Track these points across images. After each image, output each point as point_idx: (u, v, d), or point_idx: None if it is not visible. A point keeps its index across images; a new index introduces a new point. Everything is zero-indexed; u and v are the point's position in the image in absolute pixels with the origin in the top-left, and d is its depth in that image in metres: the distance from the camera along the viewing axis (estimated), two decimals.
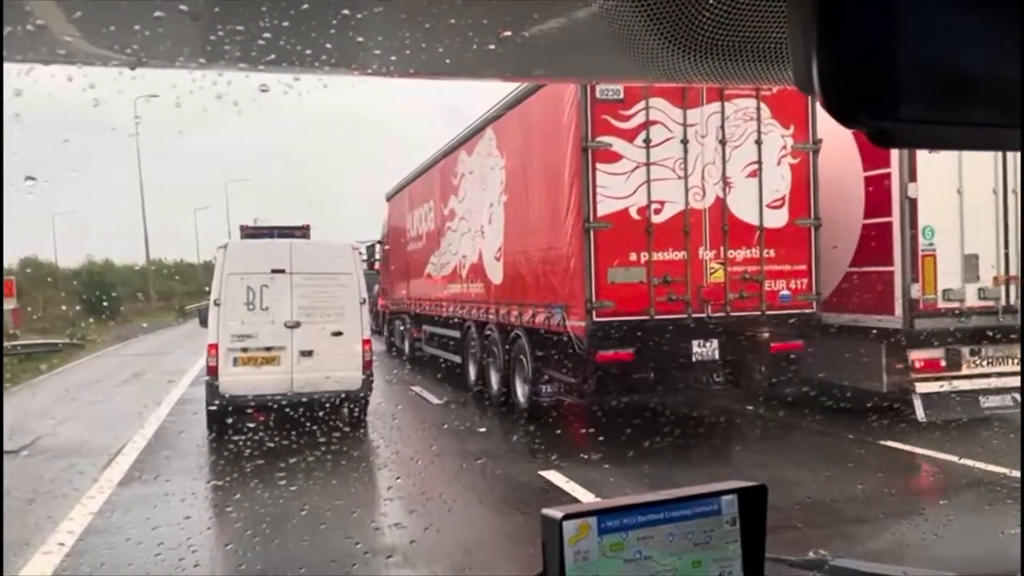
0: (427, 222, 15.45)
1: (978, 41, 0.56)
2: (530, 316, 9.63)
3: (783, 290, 8.67)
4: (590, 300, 8.13)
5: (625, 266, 8.19)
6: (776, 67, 0.77)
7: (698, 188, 8.41)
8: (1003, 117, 0.58)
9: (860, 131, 0.58)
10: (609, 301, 8.14)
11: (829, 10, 0.54)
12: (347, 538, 5.62)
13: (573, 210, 8.32)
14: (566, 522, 1.12)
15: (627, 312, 8.19)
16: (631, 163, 8.24)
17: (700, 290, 8.39)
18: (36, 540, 5.83)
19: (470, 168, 12.32)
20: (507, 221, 10.62)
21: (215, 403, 9.24)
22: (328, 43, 0.80)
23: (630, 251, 8.23)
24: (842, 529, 5.64)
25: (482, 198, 11.66)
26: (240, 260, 9.61)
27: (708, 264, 8.47)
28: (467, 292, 12.63)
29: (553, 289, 8.93)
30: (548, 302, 9.04)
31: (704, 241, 8.47)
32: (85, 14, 0.76)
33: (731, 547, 1.25)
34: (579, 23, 0.77)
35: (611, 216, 8.16)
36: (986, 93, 0.57)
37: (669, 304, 8.30)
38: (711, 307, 8.43)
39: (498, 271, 11.00)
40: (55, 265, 38.18)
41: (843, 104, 0.56)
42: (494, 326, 11.36)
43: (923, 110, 0.56)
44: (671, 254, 8.36)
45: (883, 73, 0.55)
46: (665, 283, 8.30)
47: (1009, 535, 4.16)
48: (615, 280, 8.17)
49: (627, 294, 8.20)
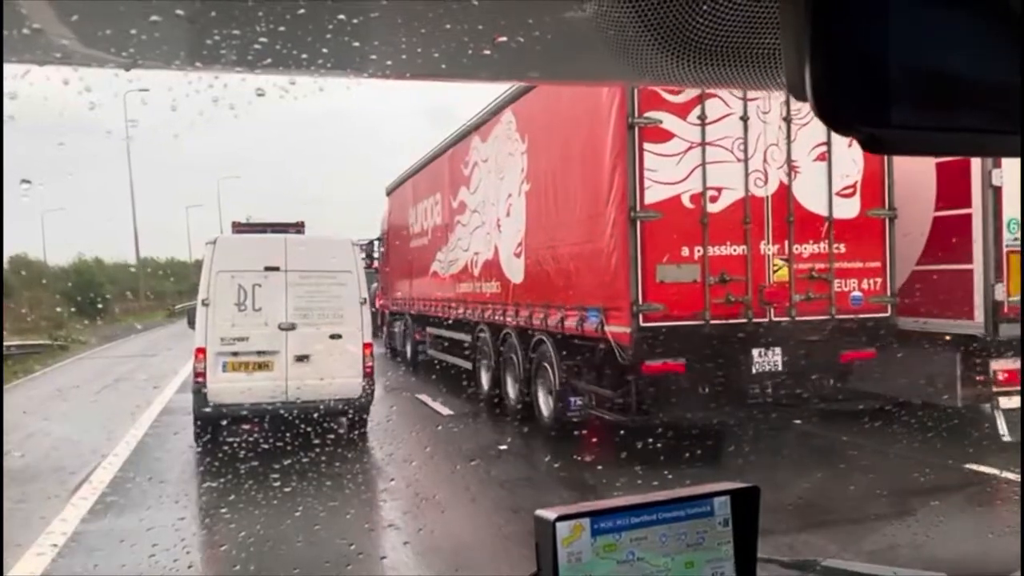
0: (433, 216, 14.31)
1: (972, 47, 0.55)
2: (558, 320, 8.48)
3: (854, 291, 7.54)
4: (636, 302, 6.97)
5: (677, 263, 7.04)
6: (769, 72, 0.75)
7: (760, 172, 7.26)
8: (997, 123, 0.57)
9: (852, 137, 0.56)
10: (658, 304, 6.99)
11: (822, 16, 0.53)
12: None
13: (616, 198, 7.16)
14: (559, 523, 1.12)
15: (678, 316, 7.05)
16: (683, 143, 7.08)
17: (762, 291, 7.24)
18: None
19: (484, 156, 11.17)
20: (529, 213, 9.47)
21: (203, 413, 8.58)
22: (324, 46, 0.80)
23: (682, 245, 7.08)
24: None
25: (499, 188, 10.51)
26: (231, 256, 8.90)
27: (771, 261, 7.33)
28: (480, 292, 11.49)
29: (588, 289, 7.78)
30: (581, 304, 7.89)
31: (766, 234, 7.32)
32: (81, 16, 0.75)
33: (724, 548, 1.24)
34: (573, 27, 0.77)
35: (661, 204, 7.01)
36: (980, 99, 0.57)
37: (726, 307, 7.16)
38: (774, 310, 7.28)
39: (518, 269, 9.84)
40: (44, 263, 37.73)
41: (836, 110, 0.55)
42: (512, 330, 10.23)
43: (916, 116, 0.55)
44: (729, 249, 7.21)
45: (876, 79, 0.54)
46: (722, 282, 7.15)
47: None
48: (665, 279, 7.02)
49: (678, 295, 7.05)
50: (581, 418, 8.58)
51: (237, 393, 8.53)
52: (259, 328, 8.73)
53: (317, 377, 8.69)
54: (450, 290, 13.09)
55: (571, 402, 8.63)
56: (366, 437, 9.55)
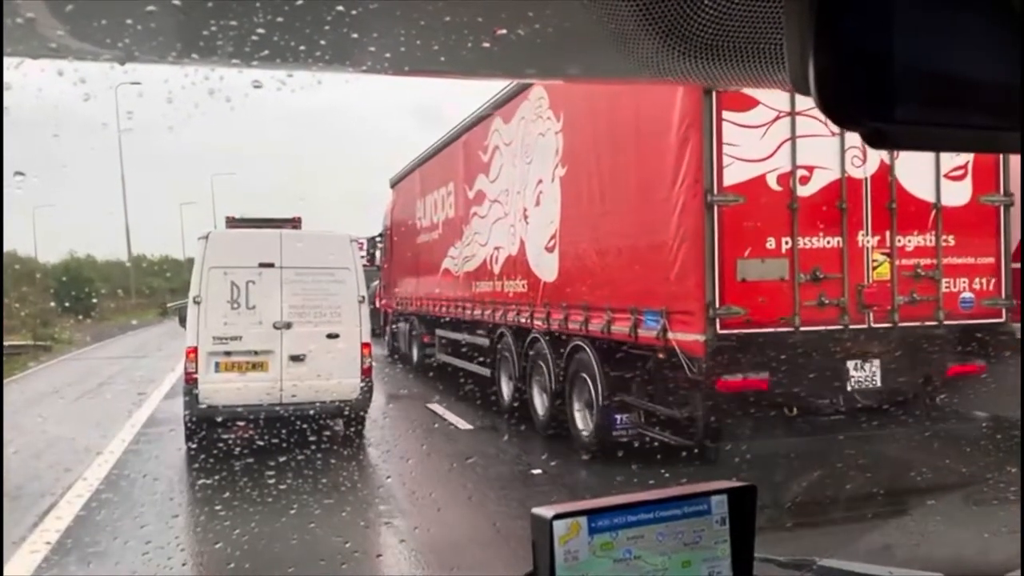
0: (444, 209, 13.09)
1: (974, 44, 0.55)
2: (602, 324, 7.25)
3: (964, 291, 6.32)
4: (712, 305, 5.74)
5: (761, 257, 5.82)
6: (772, 68, 0.75)
7: (857, 149, 6.02)
8: (999, 119, 0.57)
9: (855, 132, 0.56)
10: (739, 307, 5.75)
11: (826, 11, 0.54)
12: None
13: (686, 179, 5.93)
14: (556, 521, 1.11)
15: (762, 322, 5.82)
16: (770, 111, 5.85)
17: (860, 291, 6.02)
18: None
19: (507, 138, 9.93)
20: (565, 201, 8.24)
21: (194, 415, 8.25)
22: (322, 40, 0.79)
23: (767, 236, 5.86)
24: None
25: (526, 174, 9.29)
26: (223, 252, 8.57)
27: (870, 255, 6.11)
28: (501, 291, 10.27)
29: (645, 288, 6.55)
30: (635, 306, 6.66)
31: (865, 223, 6.10)
32: (76, 8, 0.73)
33: (720, 547, 1.24)
34: (574, 22, 0.76)
35: (743, 187, 5.78)
36: (982, 96, 0.57)
37: (818, 311, 5.94)
38: (873, 315, 6.07)
39: (550, 265, 8.62)
40: (35, 260, 36.89)
41: (839, 105, 0.55)
42: (542, 335, 9.00)
43: (919, 112, 0.56)
44: (822, 241, 5.99)
45: (879, 75, 0.54)
46: (814, 281, 5.93)
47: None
48: (747, 276, 5.79)
49: (763, 296, 5.82)
50: (629, 438, 7.35)
51: (230, 394, 8.21)
52: (253, 327, 8.39)
53: (313, 377, 8.38)
54: (465, 289, 11.88)
55: (617, 419, 7.42)
56: (373, 453, 8.58)
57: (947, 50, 0.54)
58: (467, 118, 11.53)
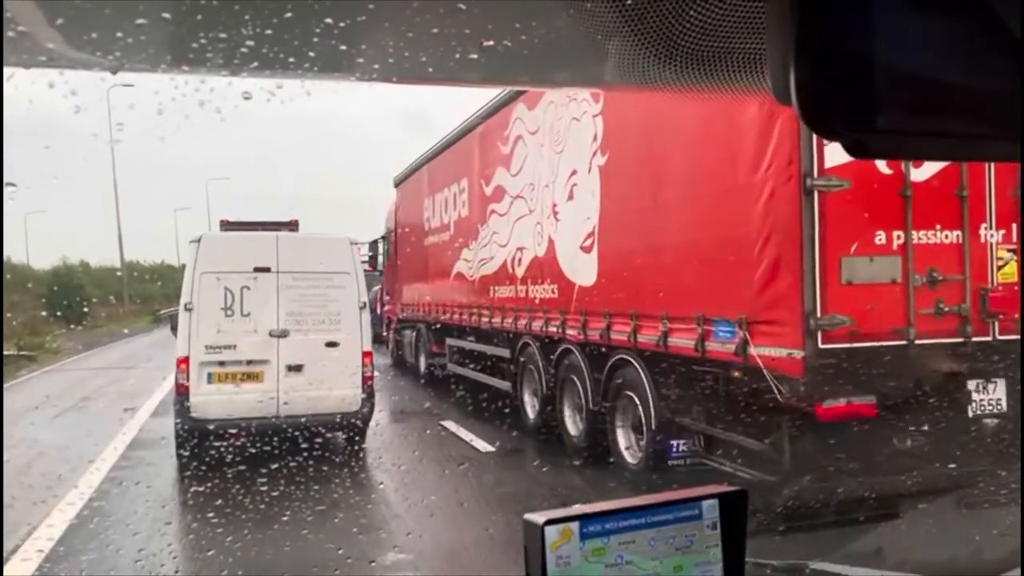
0: (456, 208, 12.05)
1: (956, 52, 0.55)
2: (657, 336, 6.21)
3: None
4: (813, 314, 4.68)
5: (870, 254, 4.77)
6: (755, 78, 0.73)
7: None
8: (981, 127, 0.56)
9: (836, 141, 0.55)
10: (844, 316, 4.69)
11: (808, 20, 0.53)
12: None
13: (774, 160, 4.87)
14: (548, 527, 1.09)
15: (871, 333, 4.77)
16: None
17: (984, 296, 4.97)
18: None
19: (533, 126, 8.90)
20: (606, 193, 7.20)
21: (185, 430, 7.86)
22: (311, 50, 0.79)
23: (877, 228, 4.81)
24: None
25: (555, 165, 8.25)
26: (217, 256, 8.12)
27: (994, 252, 5.07)
28: (525, 297, 9.24)
29: (716, 293, 5.50)
30: (701, 314, 5.62)
31: (987, 214, 5.06)
32: (67, 19, 0.73)
33: (712, 552, 1.21)
34: (559, 31, 0.77)
35: (847, 169, 4.70)
36: (965, 104, 0.56)
37: (936, 320, 4.89)
38: (998, 324, 5.03)
39: (587, 267, 7.57)
40: (27, 267, 36.11)
41: (821, 115, 0.54)
42: (575, 346, 7.97)
43: (901, 121, 0.55)
44: (939, 235, 4.94)
45: (861, 84, 0.53)
46: (931, 283, 4.88)
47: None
48: (854, 279, 4.74)
49: (871, 302, 4.77)
50: (687, 468, 6.32)
51: (223, 406, 7.85)
52: (248, 335, 8.03)
53: (312, 389, 8.07)
54: (481, 295, 10.84)
55: (672, 446, 6.40)
56: (385, 482, 7.68)
57: (929, 58, 0.53)
58: (483, 106, 10.50)
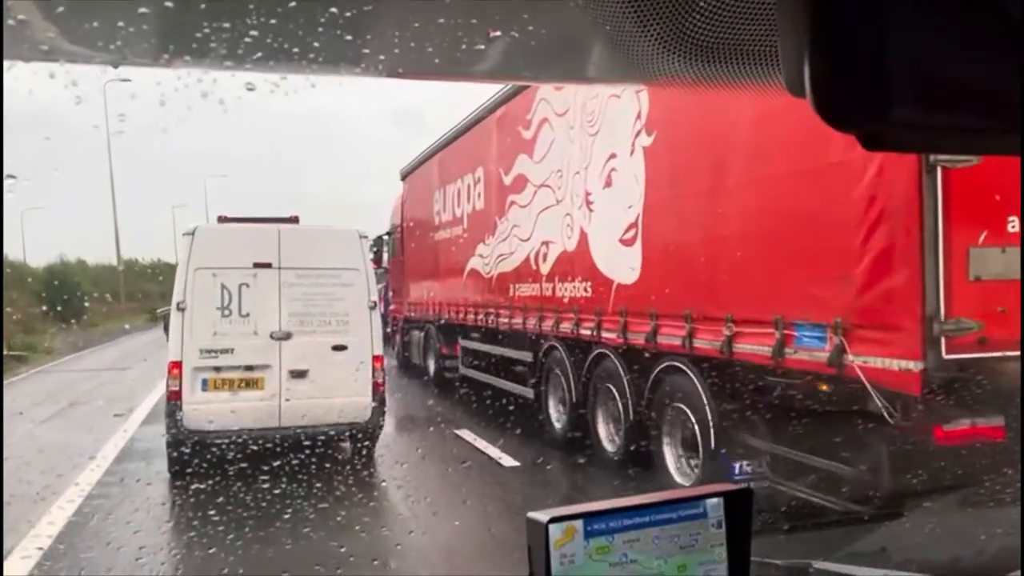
0: (472, 199, 11.22)
1: (971, 45, 0.54)
2: (721, 340, 5.36)
3: None
4: (937, 316, 3.84)
5: (1001, 245, 3.92)
6: (767, 70, 0.73)
7: None
8: (997, 121, 0.55)
9: (850, 134, 0.55)
10: (972, 320, 3.85)
11: (821, 12, 0.53)
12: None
13: None
14: (552, 525, 1.09)
15: (1001, 342, 3.92)
16: None
17: None
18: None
19: (560, 107, 8.06)
20: (651, 178, 6.35)
21: (177, 442, 7.24)
22: (316, 42, 0.78)
23: (1009, 214, 3.96)
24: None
25: (588, 149, 7.41)
26: (212, 250, 7.53)
27: None
28: (552, 296, 8.41)
29: (800, 290, 4.65)
30: (780, 315, 4.77)
31: None
32: (68, 11, 0.72)
33: (717, 550, 1.21)
34: (569, 22, 0.76)
35: None
36: (979, 97, 0.55)
37: None
38: None
39: (629, 262, 6.72)
40: (24, 264, 35.40)
41: (835, 107, 0.54)
42: (611, 350, 7.14)
43: (916, 113, 0.54)
44: None
45: (876, 76, 0.53)
46: None
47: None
48: (982, 274, 3.89)
49: (1002, 304, 3.93)
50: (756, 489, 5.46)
51: (219, 416, 7.29)
52: (247, 338, 7.48)
53: (317, 397, 7.52)
54: (499, 293, 10.02)
55: (735, 468, 5.55)
56: (399, 504, 6.86)
57: (943, 51, 0.53)
58: (501, 89, 9.64)
